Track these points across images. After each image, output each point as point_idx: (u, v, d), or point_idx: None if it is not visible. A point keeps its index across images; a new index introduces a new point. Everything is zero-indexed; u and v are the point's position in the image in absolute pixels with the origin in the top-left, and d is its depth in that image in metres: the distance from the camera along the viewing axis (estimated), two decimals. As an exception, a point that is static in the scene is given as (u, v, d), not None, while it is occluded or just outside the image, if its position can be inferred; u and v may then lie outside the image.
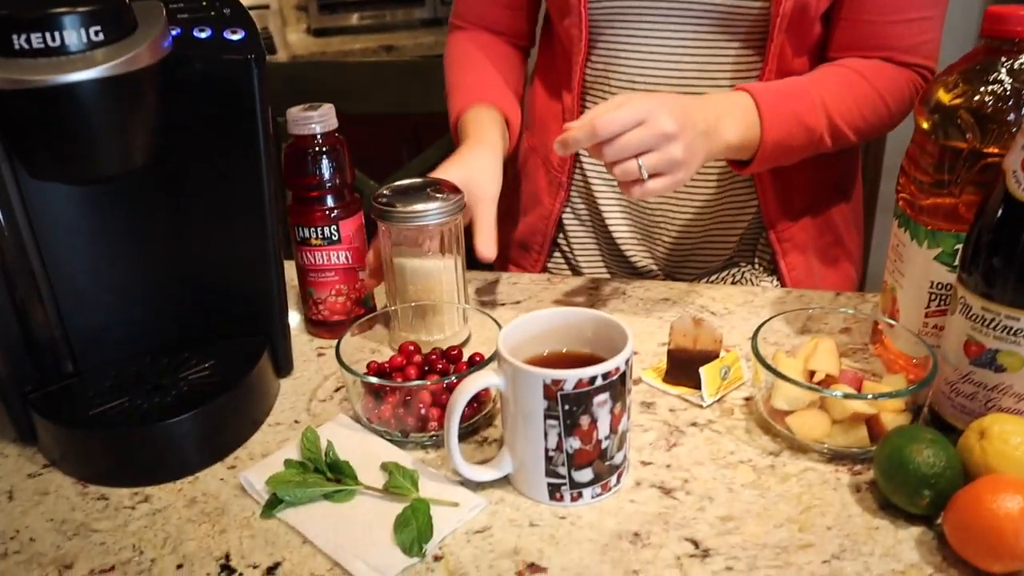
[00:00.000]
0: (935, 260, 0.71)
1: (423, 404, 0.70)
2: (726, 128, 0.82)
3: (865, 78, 0.89)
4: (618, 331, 0.64)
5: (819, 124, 0.87)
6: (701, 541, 0.59)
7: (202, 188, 0.73)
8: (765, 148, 0.85)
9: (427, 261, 0.81)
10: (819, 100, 0.86)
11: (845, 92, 0.88)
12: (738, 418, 0.72)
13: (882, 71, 0.90)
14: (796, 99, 0.86)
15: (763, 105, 0.84)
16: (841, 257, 1.07)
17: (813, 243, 1.03)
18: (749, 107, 0.84)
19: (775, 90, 0.86)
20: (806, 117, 0.86)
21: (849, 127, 0.89)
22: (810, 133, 0.87)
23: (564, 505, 0.63)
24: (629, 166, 0.75)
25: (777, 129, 0.84)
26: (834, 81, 0.89)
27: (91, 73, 0.56)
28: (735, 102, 0.84)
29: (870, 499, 0.62)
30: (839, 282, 1.06)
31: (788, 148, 0.86)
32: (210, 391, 0.71)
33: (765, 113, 0.83)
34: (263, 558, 0.60)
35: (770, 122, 0.84)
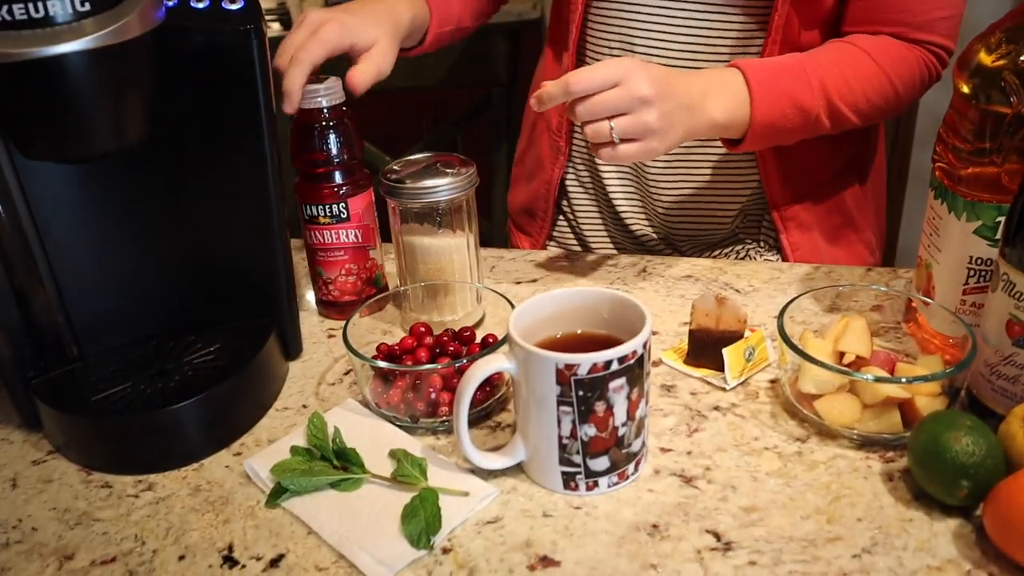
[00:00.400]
0: (975, 233, 0.67)
1: (433, 388, 0.67)
2: (712, 104, 0.78)
3: (872, 58, 0.84)
4: (636, 312, 0.60)
5: (815, 105, 0.82)
6: (723, 533, 0.56)
7: (204, 166, 0.71)
8: (755, 128, 0.81)
9: (438, 239, 0.78)
10: (817, 80, 0.82)
11: (848, 72, 0.84)
12: (763, 402, 0.69)
13: (892, 50, 0.85)
14: (791, 78, 0.81)
15: (754, 83, 0.80)
16: (852, 238, 1.02)
17: (819, 223, 0.99)
18: (739, 84, 0.80)
19: (770, 67, 0.81)
20: (801, 97, 0.81)
21: (851, 109, 0.84)
22: (805, 114, 0.82)
23: (579, 495, 0.60)
24: (601, 127, 0.73)
25: (768, 109, 0.80)
26: (837, 60, 0.84)
27: (78, 44, 0.53)
28: (724, 78, 0.80)
29: (903, 489, 0.59)
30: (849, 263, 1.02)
31: (780, 129, 0.82)
32: (215, 376, 0.69)
33: (756, 91, 0.79)
34: (267, 549, 0.58)
35: (760, 101, 0.80)
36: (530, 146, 1.10)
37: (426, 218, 0.77)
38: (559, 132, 1.03)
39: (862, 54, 0.84)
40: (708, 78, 0.80)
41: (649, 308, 0.81)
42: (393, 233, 0.79)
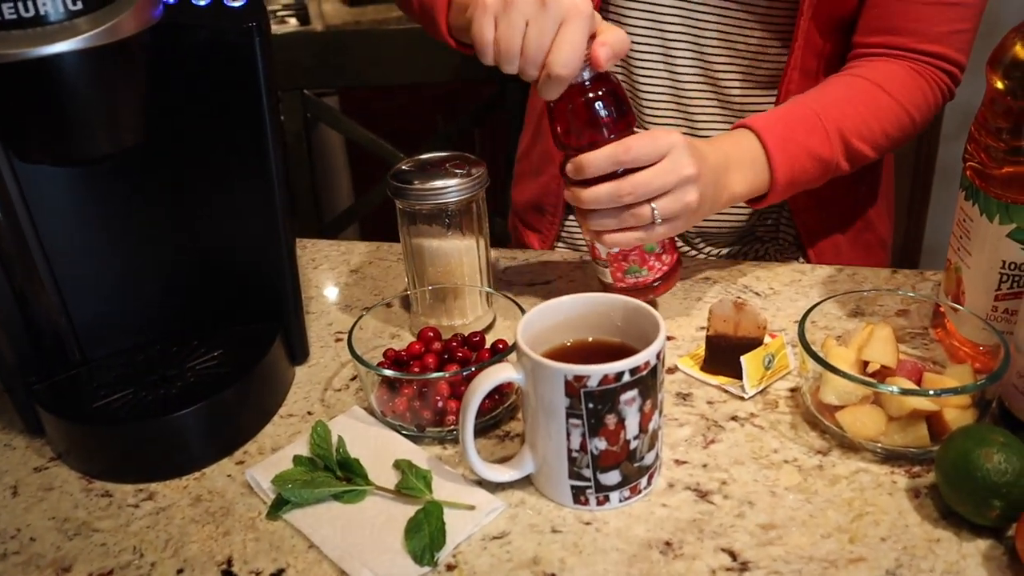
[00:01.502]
0: (1008, 237, 0.64)
1: (440, 396, 0.65)
2: (734, 179, 0.75)
3: (884, 90, 0.81)
4: (650, 319, 0.58)
5: (834, 153, 0.80)
6: (739, 552, 0.53)
7: (206, 167, 0.69)
8: (776, 189, 0.78)
9: (447, 241, 0.76)
10: (833, 126, 0.79)
11: (862, 110, 0.81)
12: (783, 412, 0.66)
13: (903, 78, 0.83)
14: (806, 131, 0.78)
15: (770, 145, 0.77)
16: (870, 238, 1.01)
17: (839, 227, 0.97)
18: (757, 150, 0.77)
19: (783, 123, 0.78)
20: (819, 149, 0.79)
21: (870, 146, 0.82)
22: (824, 164, 0.80)
23: (589, 509, 0.58)
24: (642, 211, 0.68)
25: (788, 168, 0.77)
26: (850, 98, 0.81)
27: (71, 44, 0.52)
28: (742, 146, 0.77)
29: (931, 506, 0.56)
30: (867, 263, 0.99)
31: (801, 182, 0.80)
32: (218, 382, 0.67)
33: (773, 153, 0.77)
34: (266, 564, 0.56)
35: (779, 163, 0.77)
36: (536, 140, 1.07)
37: (435, 220, 0.75)
38: None
39: (874, 88, 0.82)
40: (729, 147, 0.76)
41: (665, 312, 0.79)
42: (401, 234, 0.77)
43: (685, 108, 0.93)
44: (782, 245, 1.00)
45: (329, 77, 1.51)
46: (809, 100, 0.80)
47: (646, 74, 0.92)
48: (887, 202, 1.03)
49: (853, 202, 0.98)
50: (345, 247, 1.01)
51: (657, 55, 0.91)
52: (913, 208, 2.30)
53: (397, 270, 0.94)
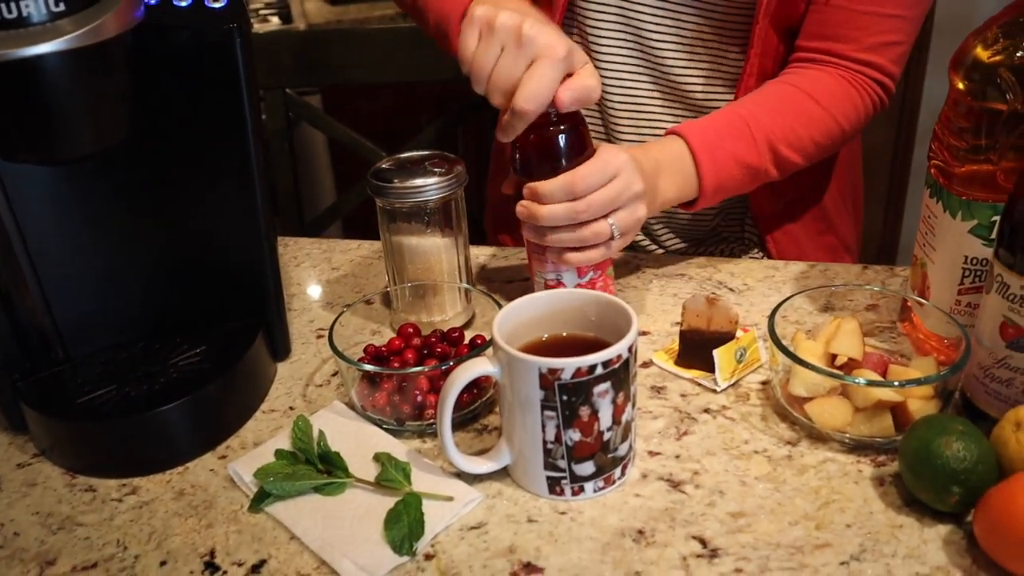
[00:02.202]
0: (970, 233, 0.66)
1: (419, 391, 0.66)
2: (664, 185, 0.78)
3: (813, 99, 0.84)
4: (622, 314, 0.59)
5: (761, 160, 0.82)
6: (709, 540, 0.55)
7: (188, 166, 0.70)
8: (704, 194, 0.80)
9: (426, 239, 0.77)
10: (761, 134, 0.81)
11: (791, 119, 0.83)
12: (754, 404, 0.68)
13: (832, 88, 0.85)
14: (734, 138, 0.81)
15: (700, 153, 0.79)
16: (832, 242, 1.03)
17: (803, 230, 1.00)
18: (686, 158, 0.79)
19: (713, 130, 0.80)
20: (746, 156, 0.81)
21: (798, 153, 0.84)
22: (751, 171, 0.82)
23: (565, 499, 0.59)
24: (600, 227, 0.70)
25: (715, 174, 0.80)
26: (779, 108, 0.84)
27: (54, 45, 0.53)
28: (672, 153, 0.79)
29: (894, 494, 0.58)
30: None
31: (730, 189, 0.82)
32: (201, 378, 0.68)
33: (701, 159, 0.79)
34: (248, 555, 0.57)
35: (707, 169, 0.79)
36: None
37: (414, 218, 0.76)
38: None
39: (804, 96, 0.84)
40: (658, 153, 0.78)
41: (640, 308, 0.80)
42: (381, 232, 0.79)
43: (646, 108, 0.95)
44: (747, 245, 1.02)
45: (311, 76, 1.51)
46: (740, 108, 0.83)
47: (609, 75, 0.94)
48: (851, 205, 1.05)
49: (814, 205, 1.00)
50: (327, 245, 1.02)
51: (620, 57, 0.93)
52: (890, 207, 2.33)
53: (378, 268, 0.95)
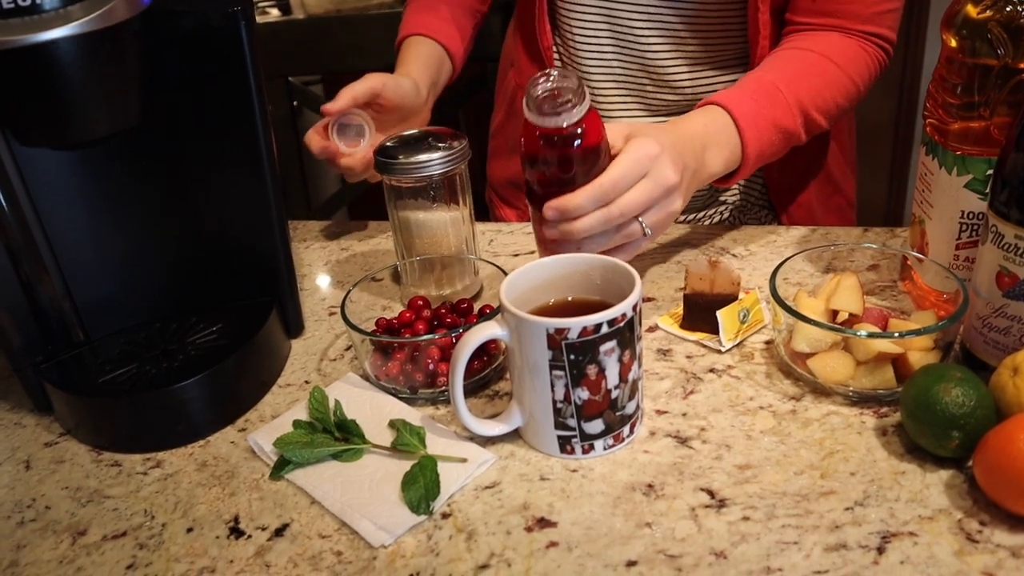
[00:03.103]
0: (965, 187, 0.67)
1: (431, 359, 0.68)
2: (711, 160, 0.77)
3: (834, 62, 0.85)
4: (625, 276, 0.61)
5: (796, 124, 0.82)
6: (717, 491, 0.57)
7: (199, 148, 0.72)
8: (747, 164, 0.80)
9: (433, 213, 0.78)
10: (794, 99, 0.82)
11: (818, 83, 0.84)
12: (758, 363, 0.69)
13: (848, 50, 0.86)
14: (772, 105, 0.81)
15: (742, 122, 0.79)
16: (840, 201, 1.05)
17: (815, 196, 1.02)
18: (730, 129, 0.79)
19: (750, 98, 0.80)
20: (784, 121, 0.81)
21: (824, 116, 0.85)
22: (787, 136, 0.83)
23: (576, 458, 0.61)
24: (632, 229, 0.70)
25: (758, 142, 0.80)
26: (806, 72, 0.84)
27: (66, 30, 0.54)
28: (717, 125, 0.78)
29: (897, 443, 0.59)
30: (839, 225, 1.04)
31: (767, 155, 0.83)
32: (218, 354, 0.70)
33: (745, 131, 0.79)
34: (272, 519, 0.59)
35: (751, 138, 0.79)
36: (510, 118, 1.10)
37: (420, 193, 0.77)
38: None
39: (825, 61, 0.85)
40: (703, 130, 0.77)
41: (645, 274, 0.82)
42: (389, 209, 0.80)
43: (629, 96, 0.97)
44: (749, 208, 1.03)
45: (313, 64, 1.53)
46: (770, 75, 0.83)
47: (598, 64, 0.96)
48: (852, 165, 1.07)
49: (821, 170, 1.01)
50: (335, 227, 1.04)
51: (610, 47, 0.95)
52: (894, 175, 2.33)
53: (386, 247, 0.97)
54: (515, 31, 1.09)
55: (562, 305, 0.64)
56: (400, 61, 0.98)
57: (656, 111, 0.97)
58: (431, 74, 0.97)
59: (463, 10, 1.06)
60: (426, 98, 0.95)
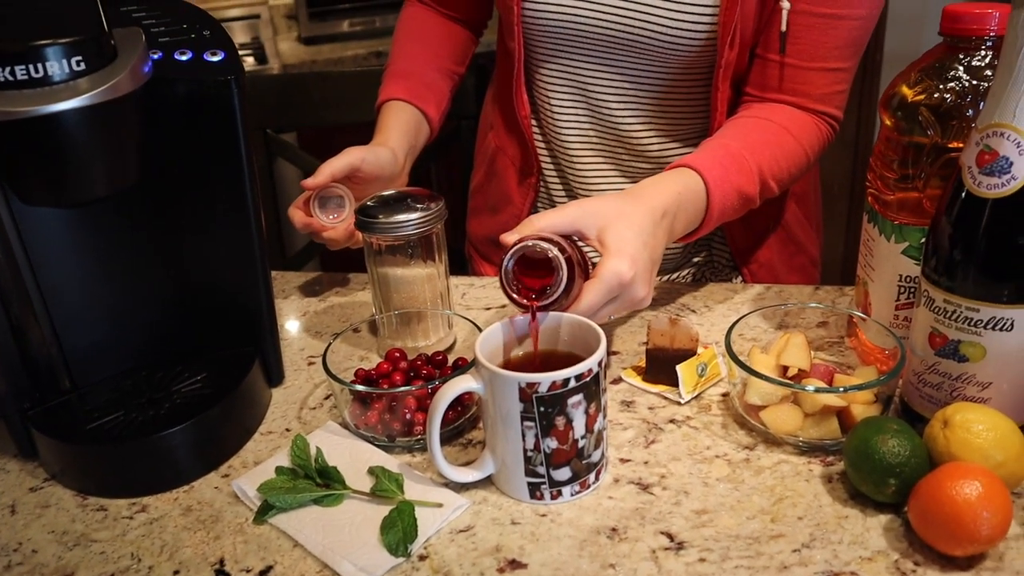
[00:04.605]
0: (902, 254, 0.73)
1: (408, 409, 0.72)
2: (679, 224, 0.81)
3: (791, 134, 0.91)
4: (592, 333, 0.66)
5: (755, 191, 0.87)
6: (676, 534, 0.61)
7: (189, 206, 0.76)
8: (707, 226, 0.85)
9: (410, 270, 0.83)
10: (755, 167, 0.87)
11: (777, 153, 0.89)
12: (715, 414, 0.74)
13: (803, 124, 0.92)
14: (739, 172, 0.86)
15: (712, 187, 0.83)
16: (803, 260, 1.11)
17: (777, 255, 1.07)
18: (700, 194, 0.83)
19: (720, 165, 0.84)
20: (746, 187, 0.86)
21: (777, 184, 0.90)
22: (746, 201, 0.87)
23: (545, 503, 0.65)
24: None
25: (721, 206, 0.84)
26: (767, 142, 0.89)
27: (75, 103, 0.58)
28: (689, 191, 0.82)
29: (841, 489, 0.64)
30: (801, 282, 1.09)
31: (725, 218, 0.87)
32: (203, 403, 0.73)
33: (713, 195, 0.83)
34: (256, 562, 0.62)
35: (716, 202, 0.83)
36: (490, 179, 1.15)
37: (398, 250, 0.82)
38: (530, 171, 1.08)
39: (783, 131, 0.90)
40: (678, 195, 0.80)
41: (610, 329, 0.86)
42: (368, 264, 0.85)
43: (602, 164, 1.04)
44: (717, 267, 1.09)
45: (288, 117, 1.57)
46: (735, 143, 0.88)
47: (576, 134, 1.03)
48: (815, 223, 1.13)
49: (783, 231, 1.07)
50: (312, 278, 1.08)
51: (586, 120, 1.01)
52: (850, 231, 2.43)
53: (362, 299, 1.00)
54: (493, 99, 1.14)
55: (533, 357, 0.68)
56: (379, 127, 1.02)
57: (632, 177, 1.03)
58: (409, 139, 1.02)
59: (440, 74, 1.11)
60: (403, 164, 1.00)
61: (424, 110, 1.06)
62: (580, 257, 0.73)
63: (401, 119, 1.03)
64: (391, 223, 0.80)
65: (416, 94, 1.06)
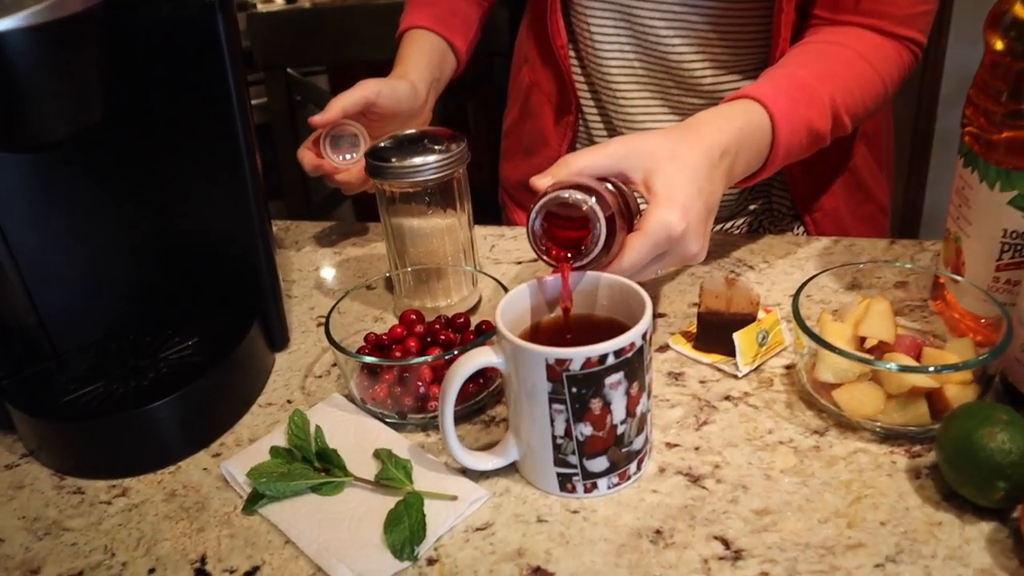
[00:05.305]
0: (1009, 204, 0.61)
1: (422, 381, 0.63)
2: (739, 166, 0.70)
3: (867, 60, 0.78)
4: (636, 298, 0.55)
5: (825, 126, 0.75)
6: (732, 540, 0.51)
7: (173, 149, 0.67)
8: (771, 167, 0.73)
9: (428, 220, 0.73)
10: (828, 99, 0.75)
11: (852, 84, 0.77)
12: (778, 390, 0.64)
13: (881, 50, 0.79)
14: (807, 104, 0.74)
15: (779, 123, 0.71)
16: (872, 209, 0.98)
17: (844, 203, 0.95)
18: (765, 131, 0.71)
19: (786, 94, 0.73)
20: (816, 123, 0.74)
21: (851, 119, 0.78)
22: (815, 139, 0.75)
23: (577, 497, 0.55)
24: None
25: (787, 146, 0.73)
26: (841, 71, 0.77)
27: (15, 21, 0.49)
28: (753, 127, 0.70)
29: (932, 488, 0.53)
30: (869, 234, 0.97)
31: (791, 159, 0.75)
32: (192, 372, 0.65)
33: (780, 132, 0.71)
34: (241, 560, 0.54)
35: (783, 140, 0.72)
36: (525, 118, 1.04)
37: (414, 198, 0.72)
38: (568, 108, 0.97)
39: (858, 58, 0.78)
40: (740, 131, 0.69)
41: (656, 288, 0.76)
42: (381, 215, 0.75)
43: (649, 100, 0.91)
44: (776, 216, 0.97)
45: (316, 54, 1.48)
46: (803, 71, 0.76)
47: (619, 64, 0.90)
48: (886, 168, 1.00)
49: (851, 175, 0.95)
50: (330, 228, 0.99)
51: (630, 48, 0.89)
52: (912, 175, 2.26)
53: (382, 251, 0.91)
54: (527, 28, 1.03)
55: (563, 326, 0.58)
56: (399, 58, 0.92)
57: (682, 114, 0.91)
58: (432, 71, 0.91)
59: (467, 0, 1.00)
60: (426, 99, 0.90)
61: (450, 39, 0.95)
62: (624, 204, 0.62)
63: (424, 49, 0.92)
64: (405, 167, 0.70)
65: (441, 22, 0.95)
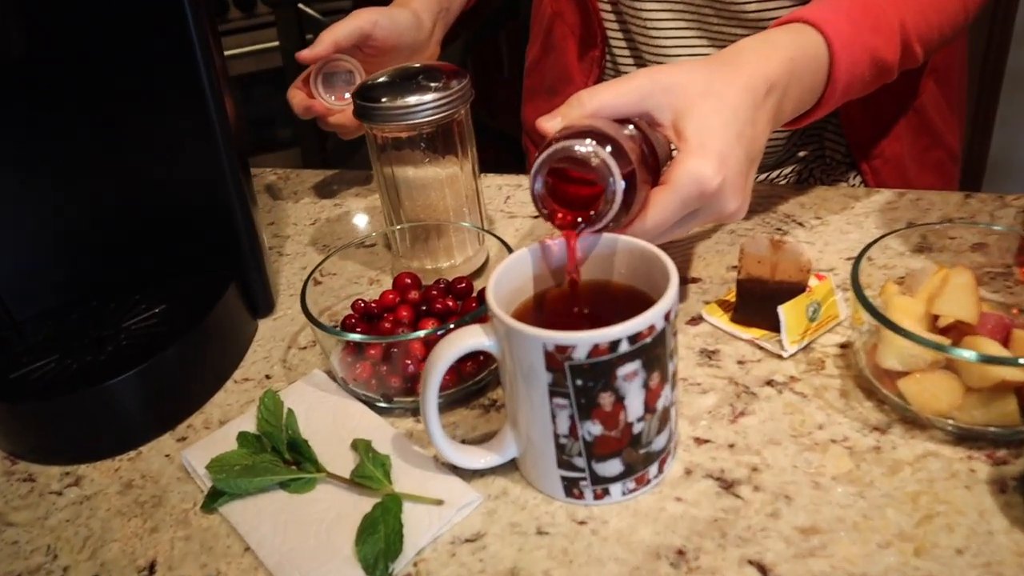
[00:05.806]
0: None
1: (412, 359, 0.54)
2: (787, 104, 0.58)
3: None
4: (658, 266, 0.46)
5: (893, 56, 0.63)
6: (771, 567, 0.42)
7: (132, 99, 0.58)
8: (827, 105, 0.62)
9: (425, 170, 0.63)
10: (898, 22, 0.62)
11: (927, 4, 0.65)
12: (830, 375, 0.54)
13: None
14: (874, 30, 0.61)
15: (837, 51, 0.59)
16: (940, 155, 0.85)
17: (908, 148, 0.82)
18: (821, 60, 0.59)
19: (848, 20, 0.61)
20: (882, 52, 0.62)
21: (924, 49, 0.65)
22: (881, 72, 0.63)
23: (585, 504, 0.47)
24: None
25: (847, 78, 0.61)
26: None
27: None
28: (807, 56, 0.59)
29: (1020, 506, 0.44)
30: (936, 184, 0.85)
31: (851, 95, 0.63)
32: (156, 343, 0.57)
33: (839, 62, 0.59)
34: (194, 570, 0.46)
35: (841, 73, 0.60)
36: (547, 53, 0.93)
37: (409, 144, 0.62)
38: (593, 42, 0.86)
39: None
40: (791, 60, 0.57)
41: (689, 247, 0.66)
42: (373, 163, 0.66)
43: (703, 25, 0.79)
44: (829, 164, 0.86)
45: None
46: None
47: None
48: (958, 110, 0.87)
49: (916, 117, 0.82)
50: (331, 177, 0.90)
51: None
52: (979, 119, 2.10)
53: (374, 202, 0.82)
54: None
55: (573, 299, 0.49)
56: None
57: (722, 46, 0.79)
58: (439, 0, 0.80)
59: None
60: (431, 31, 0.79)
61: None
62: (649, 151, 0.52)
63: None
64: (397, 108, 0.60)
65: None
